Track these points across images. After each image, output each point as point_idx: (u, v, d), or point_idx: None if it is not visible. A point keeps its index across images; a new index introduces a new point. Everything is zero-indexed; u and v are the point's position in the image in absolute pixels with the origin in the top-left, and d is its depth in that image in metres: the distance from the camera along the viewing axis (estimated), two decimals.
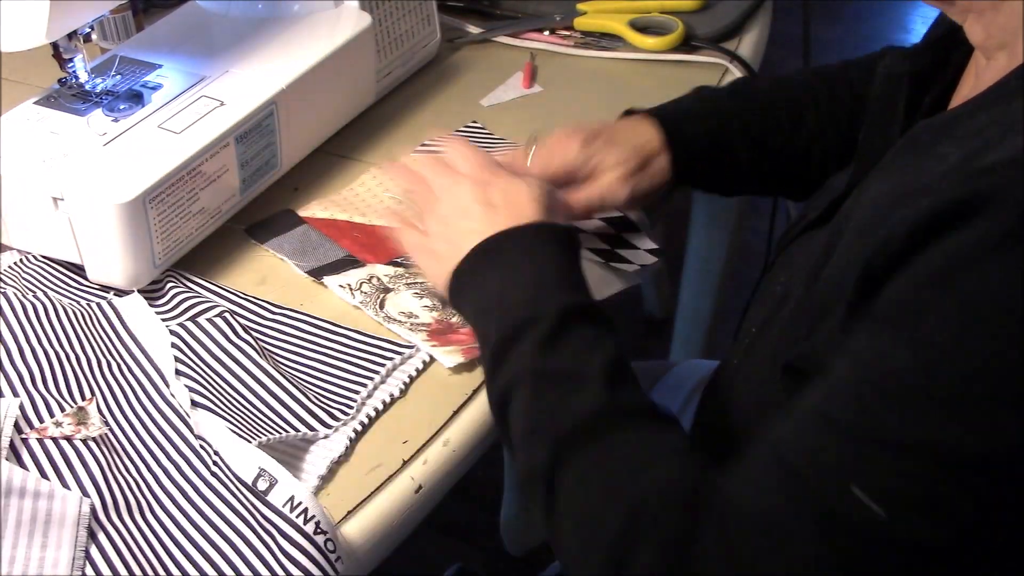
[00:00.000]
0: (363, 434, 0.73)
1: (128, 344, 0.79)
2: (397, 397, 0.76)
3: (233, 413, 0.72)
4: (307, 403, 0.74)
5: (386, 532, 0.69)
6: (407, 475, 0.71)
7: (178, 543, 0.66)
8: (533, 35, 1.19)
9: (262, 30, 0.97)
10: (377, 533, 0.69)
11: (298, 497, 0.66)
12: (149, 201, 0.80)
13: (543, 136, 0.85)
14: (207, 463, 0.70)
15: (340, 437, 0.73)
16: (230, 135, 0.86)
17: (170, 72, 0.92)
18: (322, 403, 0.74)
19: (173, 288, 0.84)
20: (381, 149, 1.02)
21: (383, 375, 0.77)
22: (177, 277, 0.86)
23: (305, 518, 0.65)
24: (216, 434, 0.70)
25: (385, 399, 0.76)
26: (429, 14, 1.11)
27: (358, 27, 0.99)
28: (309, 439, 0.72)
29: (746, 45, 1.16)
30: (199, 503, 0.68)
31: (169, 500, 0.68)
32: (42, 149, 0.82)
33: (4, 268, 0.85)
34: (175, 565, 0.65)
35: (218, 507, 0.68)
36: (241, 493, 0.67)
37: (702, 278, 1.57)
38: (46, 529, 0.63)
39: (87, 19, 0.86)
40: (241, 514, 0.67)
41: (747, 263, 1.69)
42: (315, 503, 0.66)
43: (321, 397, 0.75)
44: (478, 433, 0.75)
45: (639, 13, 1.18)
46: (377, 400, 0.75)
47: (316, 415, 0.73)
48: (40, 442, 0.68)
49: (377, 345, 0.80)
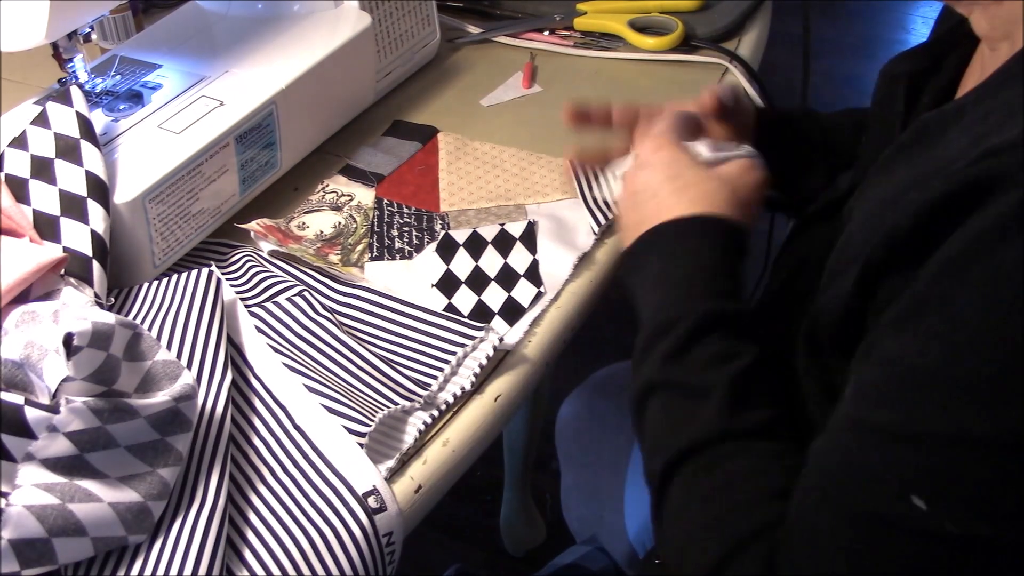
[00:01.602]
0: (437, 422, 0.73)
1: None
2: (468, 390, 0.75)
3: (333, 393, 0.72)
4: (395, 376, 0.74)
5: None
6: (407, 475, 0.71)
7: (259, 533, 0.66)
8: (533, 35, 1.19)
9: (262, 30, 0.97)
10: None
11: (396, 536, 0.66)
12: (149, 201, 0.80)
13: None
14: (301, 457, 0.69)
15: (411, 429, 0.72)
16: (230, 135, 0.86)
17: (170, 72, 0.92)
18: (410, 376, 0.75)
19: (248, 261, 0.84)
20: None
21: (459, 358, 0.76)
22: (249, 250, 0.86)
23: (392, 558, 0.66)
24: (328, 431, 0.70)
25: (456, 391, 0.75)
26: (429, 14, 1.11)
27: (358, 27, 0.99)
28: (394, 415, 0.72)
29: (746, 45, 1.16)
30: (282, 496, 0.68)
31: (253, 491, 0.68)
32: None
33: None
34: (250, 550, 0.65)
35: (305, 505, 0.67)
36: (338, 495, 0.67)
37: None
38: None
39: (87, 19, 0.86)
40: (338, 516, 0.66)
41: (747, 263, 1.69)
42: (400, 538, 0.66)
43: (406, 370, 0.75)
44: (478, 433, 0.75)
45: (639, 13, 1.18)
46: (448, 394, 0.75)
47: (406, 387, 0.73)
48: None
49: (450, 326, 0.78)
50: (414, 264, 0.87)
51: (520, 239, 0.88)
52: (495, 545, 1.71)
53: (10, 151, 0.80)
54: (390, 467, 0.70)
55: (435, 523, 1.43)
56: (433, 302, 0.83)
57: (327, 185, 0.96)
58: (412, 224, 0.91)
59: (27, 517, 0.58)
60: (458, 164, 0.98)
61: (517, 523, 1.68)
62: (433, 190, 0.95)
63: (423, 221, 0.92)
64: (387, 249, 0.89)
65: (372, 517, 0.66)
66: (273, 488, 0.68)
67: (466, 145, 1.01)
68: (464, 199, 0.94)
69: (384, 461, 0.70)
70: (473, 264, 0.86)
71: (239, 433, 0.71)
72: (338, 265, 0.87)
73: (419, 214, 0.93)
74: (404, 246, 0.89)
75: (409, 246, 0.89)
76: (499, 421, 0.77)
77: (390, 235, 0.90)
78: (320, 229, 0.91)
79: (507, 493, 1.66)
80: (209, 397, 0.70)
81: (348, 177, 0.97)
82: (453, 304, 0.83)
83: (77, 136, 0.79)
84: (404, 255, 0.88)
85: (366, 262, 0.87)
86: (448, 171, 0.98)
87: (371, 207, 0.94)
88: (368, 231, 0.91)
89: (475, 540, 1.73)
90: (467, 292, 0.84)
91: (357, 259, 0.88)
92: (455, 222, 0.92)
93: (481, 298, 0.83)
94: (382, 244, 0.89)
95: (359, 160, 0.99)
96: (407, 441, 0.72)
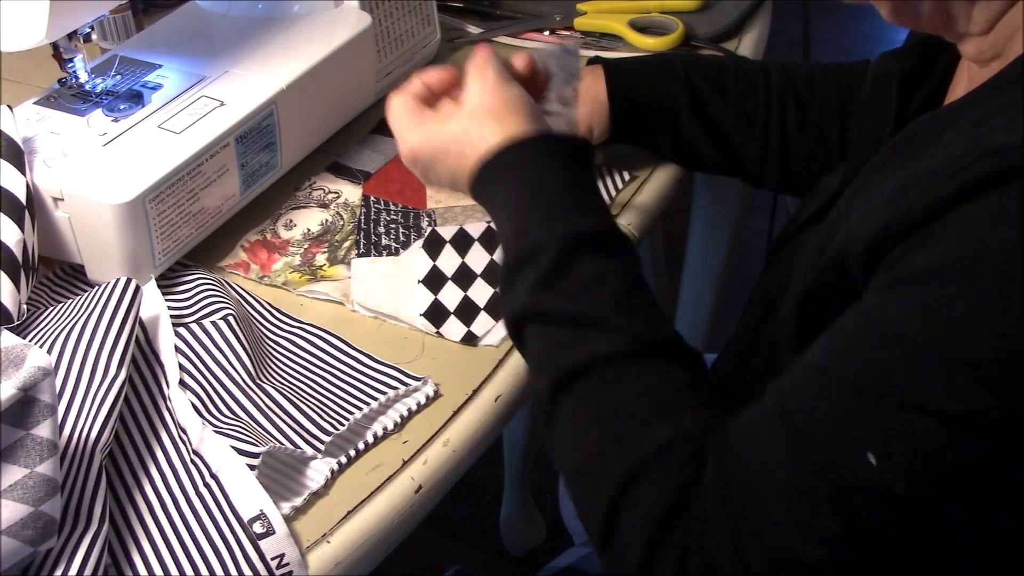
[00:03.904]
0: (347, 467, 0.71)
1: (139, 338, 0.78)
2: (391, 431, 0.74)
3: (229, 424, 0.71)
4: (299, 418, 0.72)
5: (386, 532, 0.69)
6: (407, 475, 0.71)
7: (144, 554, 0.65)
8: (533, 35, 1.19)
9: (262, 30, 0.97)
10: (377, 533, 0.69)
11: (288, 557, 0.65)
12: (149, 201, 0.80)
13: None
14: (196, 481, 0.69)
15: (322, 467, 0.71)
16: (230, 135, 0.86)
17: (170, 72, 0.92)
18: (315, 420, 0.73)
19: (199, 280, 0.84)
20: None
21: (382, 403, 0.75)
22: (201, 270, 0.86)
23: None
24: (220, 455, 0.69)
25: (378, 431, 0.73)
26: (429, 14, 1.11)
27: (358, 27, 0.99)
28: (296, 456, 0.71)
29: (746, 45, 1.16)
30: (175, 519, 0.67)
31: (147, 509, 0.67)
32: (42, 149, 0.82)
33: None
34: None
35: (196, 531, 0.66)
36: (226, 520, 0.66)
37: (702, 277, 1.57)
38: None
39: (87, 19, 0.86)
40: (222, 544, 0.66)
41: (747, 262, 1.69)
42: (296, 558, 0.65)
43: (316, 415, 0.73)
44: (478, 433, 0.75)
45: (639, 13, 1.18)
46: (369, 433, 0.73)
47: (309, 431, 0.72)
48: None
49: (384, 372, 0.78)
50: (401, 261, 0.87)
51: None
52: (495, 545, 1.71)
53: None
54: (296, 505, 0.68)
55: (435, 523, 1.43)
56: (420, 299, 0.83)
57: (314, 182, 0.96)
58: (399, 221, 0.92)
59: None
60: None
61: (517, 523, 1.69)
62: (420, 187, 0.95)
63: (410, 218, 0.92)
64: (374, 246, 0.89)
65: (256, 543, 0.65)
66: (158, 518, 0.67)
67: None
68: (451, 196, 0.94)
69: (292, 499, 0.69)
70: (460, 261, 0.86)
71: (135, 455, 0.71)
72: (326, 268, 0.87)
73: (406, 211, 0.93)
74: (391, 243, 0.89)
75: (396, 243, 0.89)
76: (499, 421, 0.77)
77: (377, 232, 0.90)
78: (307, 227, 0.91)
79: (507, 493, 1.66)
80: (92, 406, 0.68)
81: (335, 174, 0.98)
82: (439, 300, 0.83)
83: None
84: (391, 252, 0.88)
85: (352, 258, 0.88)
86: None
87: (358, 204, 0.94)
88: (355, 228, 0.91)
89: (475, 540, 1.73)
90: (454, 288, 0.84)
91: (344, 256, 0.88)
92: (442, 219, 0.92)
93: (467, 294, 0.84)
94: (369, 241, 0.89)
95: (346, 157, 0.99)
96: (319, 480, 0.70)
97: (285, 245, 0.89)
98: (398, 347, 0.81)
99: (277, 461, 0.71)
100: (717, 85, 0.91)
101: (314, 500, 0.69)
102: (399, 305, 0.83)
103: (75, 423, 0.67)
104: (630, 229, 0.92)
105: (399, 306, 0.83)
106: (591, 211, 0.68)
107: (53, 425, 0.61)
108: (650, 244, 1.82)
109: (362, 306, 0.83)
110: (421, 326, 0.82)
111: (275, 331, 0.82)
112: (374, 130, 1.03)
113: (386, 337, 0.82)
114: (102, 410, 0.68)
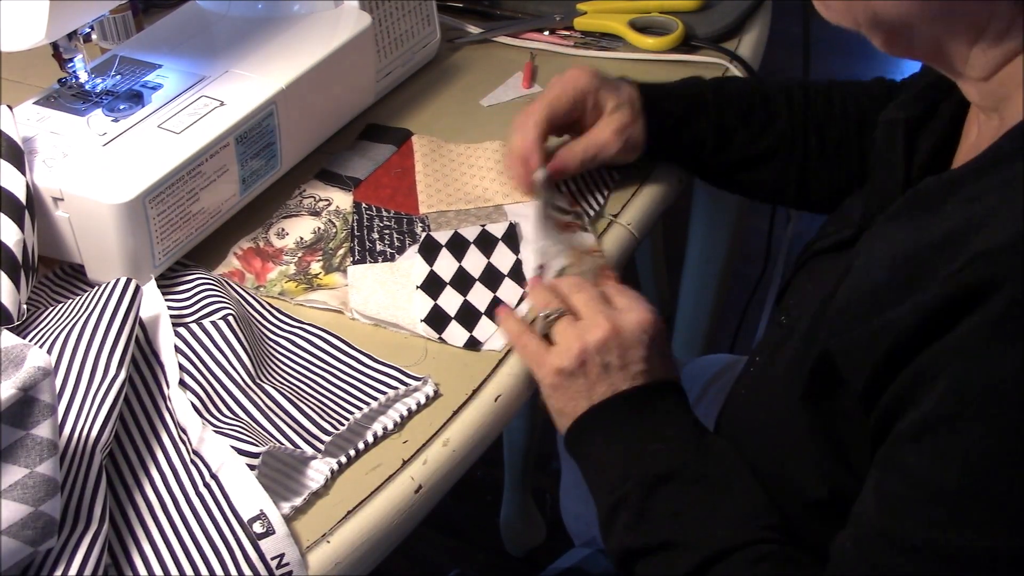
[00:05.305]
0: (347, 467, 0.71)
1: (139, 338, 0.78)
2: (391, 431, 0.74)
3: (229, 424, 0.71)
4: (299, 418, 0.72)
5: (386, 532, 0.69)
6: (407, 475, 0.71)
7: (145, 557, 0.65)
8: (533, 35, 1.19)
9: (262, 30, 0.97)
10: (377, 533, 0.69)
11: (288, 556, 0.65)
12: (149, 201, 0.80)
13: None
14: (196, 481, 0.69)
15: (322, 467, 0.71)
16: (230, 135, 0.86)
17: (170, 72, 0.92)
18: (315, 420, 0.73)
19: (199, 280, 0.84)
20: None
21: (381, 403, 0.75)
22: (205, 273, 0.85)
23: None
24: (220, 455, 0.69)
25: (378, 431, 0.73)
26: (429, 14, 1.11)
27: (358, 27, 0.99)
28: (296, 456, 0.71)
29: (746, 45, 1.16)
30: (175, 519, 0.67)
31: (147, 511, 0.67)
32: (42, 149, 0.82)
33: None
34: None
35: (196, 531, 0.66)
36: (226, 520, 0.66)
37: (702, 278, 1.57)
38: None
39: (87, 19, 0.86)
40: (222, 544, 0.66)
41: (747, 263, 1.69)
42: (302, 569, 0.65)
43: (316, 415, 0.73)
44: (478, 433, 0.75)
45: (639, 13, 1.18)
46: (369, 433, 0.73)
47: (309, 431, 0.72)
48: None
49: (383, 372, 0.78)
50: (397, 266, 0.87)
51: (502, 239, 0.88)
52: (495, 545, 1.71)
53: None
54: (296, 505, 0.68)
55: (435, 523, 1.43)
56: (419, 304, 0.83)
57: (304, 190, 0.96)
58: (392, 227, 0.91)
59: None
60: (434, 166, 0.98)
61: (517, 523, 1.69)
62: (411, 193, 0.95)
63: (403, 224, 0.92)
64: (368, 252, 0.89)
65: (256, 543, 0.65)
66: (158, 518, 0.67)
67: (440, 147, 1.00)
68: (443, 200, 0.94)
69: (292, 499, 0.69)
70: (456, 265, 0.86)
71: (135, 455, 0.71)
72: (321, 276, 0.87)
73: (399, 217, 0.92)
74: (386, 248, 0.89)
75: (391, 248, 0.89)
76: (499, 421, 0.77)
77: (371, 238, 0.90)
78: (300, 235, 0.91)
79: (507, 493, 1.66)
80: (92, 406, 0.68)
81: (324, 181, 0.97)
82: (439, 306, 0.83)
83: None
84: (386, 258, 0.88)
85: (348, 265, 0.87)
86: (425, 173, 0.97)
87: (349, 211, 0.93)
88: (348, 235, 0.90)
89: (475, 540, 1.73)
90: (452, 293, 0.84)
91: (339, 264, 0.88)
92: (435, 224, 0.91)
93: (467, 299, 0.83)
94: (363, 248, 0.89)
95: (335, 164, 0.99)
96: (319, 480, 0.70)
97: (279, 254, 0.89)
98: (398, 350, 0.81)
99: (277, 461, 0.71)
100: (744, 119, 0.93)
101: (314, 500, 0.69)
102: (399, 311, 0.83)
103: (75, 423, 0.67)
104: (630, 229, 0.92)
105: (399, 312, 0.83)
106: (663, 454, 0.73)
107: (53, 425, 0.61)
108: (650, 244, 1.82)
109: (361, 314, 0.83)
110: (423, 332, 0.81)
111: (275, 331, 0.82)
112: (362, 136, 1.03)
113: (386, 341, 0.81)
114: (102, 410, 0.68)
